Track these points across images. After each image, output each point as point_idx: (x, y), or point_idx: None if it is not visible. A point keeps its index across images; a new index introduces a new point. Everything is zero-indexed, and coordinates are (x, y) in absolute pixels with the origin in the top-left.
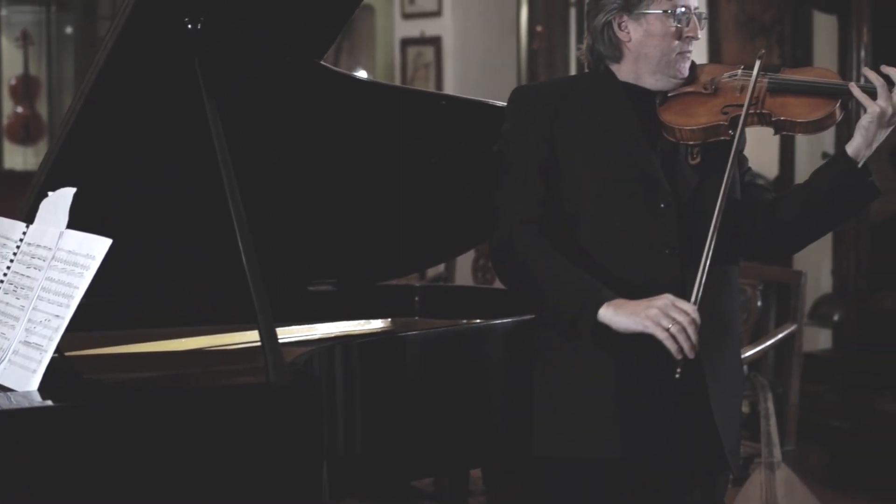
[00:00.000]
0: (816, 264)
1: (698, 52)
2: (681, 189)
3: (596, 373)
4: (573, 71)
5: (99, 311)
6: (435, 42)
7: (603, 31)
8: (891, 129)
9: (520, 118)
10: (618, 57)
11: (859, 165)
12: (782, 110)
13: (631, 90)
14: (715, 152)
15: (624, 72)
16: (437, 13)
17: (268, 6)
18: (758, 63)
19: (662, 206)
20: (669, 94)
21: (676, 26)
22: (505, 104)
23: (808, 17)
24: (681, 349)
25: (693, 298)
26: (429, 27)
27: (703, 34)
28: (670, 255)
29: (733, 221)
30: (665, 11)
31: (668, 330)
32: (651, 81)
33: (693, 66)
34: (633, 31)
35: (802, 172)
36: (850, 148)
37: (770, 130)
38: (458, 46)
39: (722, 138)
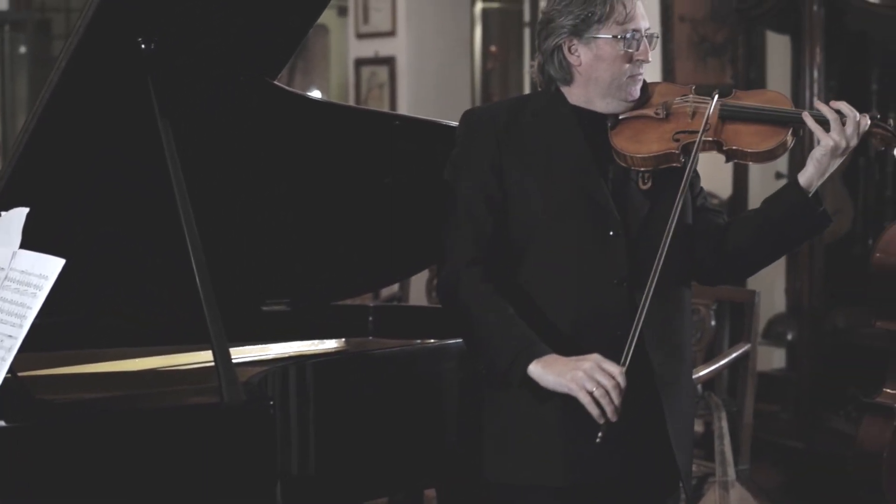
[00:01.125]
0: (770, 283)
1: (651, 72)
2: (631, 216)
3: (544, 398)
4: (527, 91)
5: (52, 331)
6: (389, 62)
7: (553, 54)
8: (842, 159)
9: (468, 144)
10: (568, 80)
11: (811, 194)
12: (734, 139)
13: (582, 113)
14: (666, 177)
15: (574, 95)
16: (391, 33)
17: (221, 26)
18: (715, 97)
19: (611, 233)
20: (621, 117)
21: (627, 50)
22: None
23: (761, 38)
24: (602, 413)
25: (622, 360)
26: (383, 47)
27: (656, 54)
28: (618, 286)
29: (685, 247)
30: (615, 36)
31: (591, 393)
32: (602, 105)
33: (644, 85)
34: (582, 55)
35: (756, 192)
36: (803, 178)
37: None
38: (413, 66)
39: (674, 165)
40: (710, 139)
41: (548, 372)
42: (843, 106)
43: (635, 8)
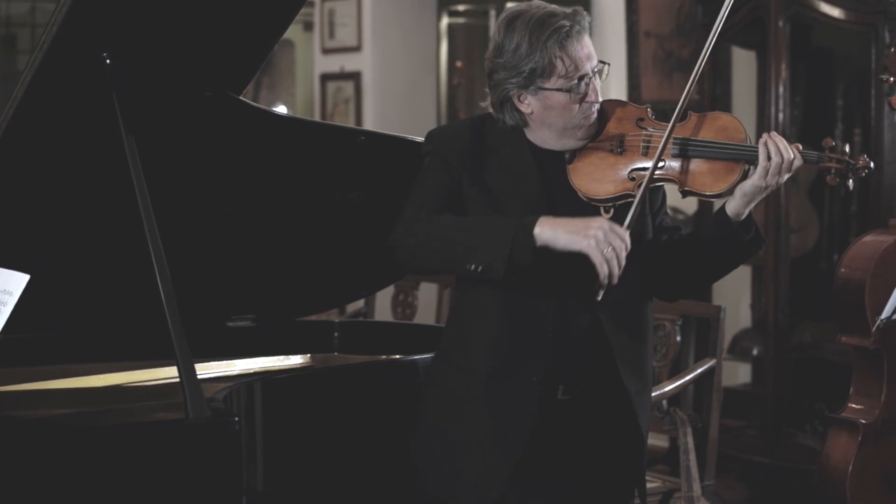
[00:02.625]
0: (735, 299)
1: (617, 88)
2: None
3: (489, 414)
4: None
5: (16, 347)
6: (355, 77)
7: (503, 104)
8: (768, 193)
9: (433, 160)
10: (524, 123)
11: (742, 219)
12: (689, 179)
13: (538, 152)
14: (627, 206)
15: (531, 135)
16: (356, 48)
17: (186, 42)
18: (664, 139)
19: (549, 283)
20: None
21: (575, 98)
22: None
23: (726, 53)
24: (609, 274)
25: (626, 223)
26: (348, 62)
27: (621, 70)
28: (542, 341)
29: (645, 264)
30: (560, 89)
31: (603, 253)
32: (558, 144)
33: (601, 109)
34: (532, 104)
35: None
36: (729, 208)
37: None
38: (378, 82)
39: (630, 200)
40: (668, 177)
41: (559, 230)
42: (775, 146)
43: (578, 54)
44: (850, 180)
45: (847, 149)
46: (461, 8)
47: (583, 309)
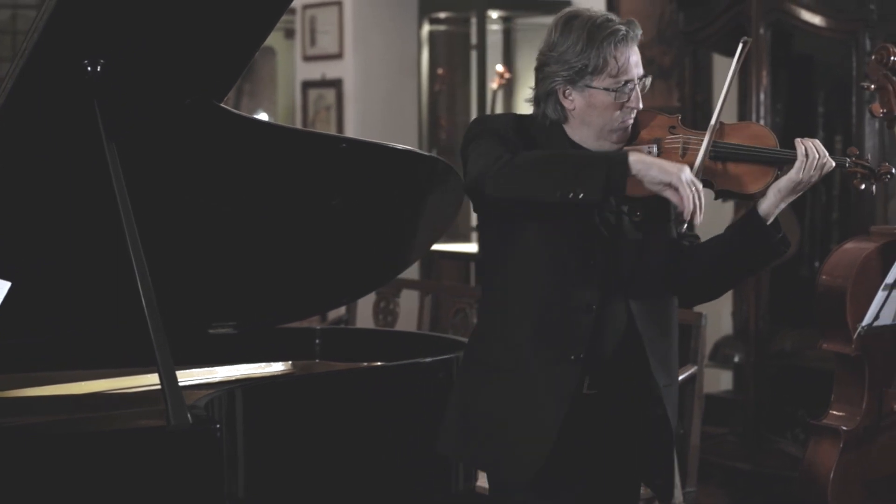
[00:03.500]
0: (717, 306)
1: None
2: (624, 245)
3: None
4: (474, 113)
5: None
6: (336, 84)
7: (548, 97)
8: (801, 192)
9: (487, 135)
10: (565, 119)
11: (769, 223)
12: (725, 180)
13: (578, 148)
14: (655, 207)
15: (570, 132)
16: (338, 56)
17: (167, 49)
18: (707, 137)
19: (592, 262)
20: None
21: (618, 100)
22: (406, 147)
23: (707, 60)
24: (693, 210)
25: (695, 171)
26: (330, 70)
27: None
28: (587, 311)
29: (671, 263)
30: (607, 88)
31: (691, 188)
32: (595, 146)
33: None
34: (576, 101)
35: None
36: (762, 208)
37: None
38: (360, 89)
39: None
40: (704, 179)
41: (651, 164)
42: (811, 145)
43: (629, 58)
44: (874, 185)
45: (868, 157)
46: (442, 15)
47: (619, 298)
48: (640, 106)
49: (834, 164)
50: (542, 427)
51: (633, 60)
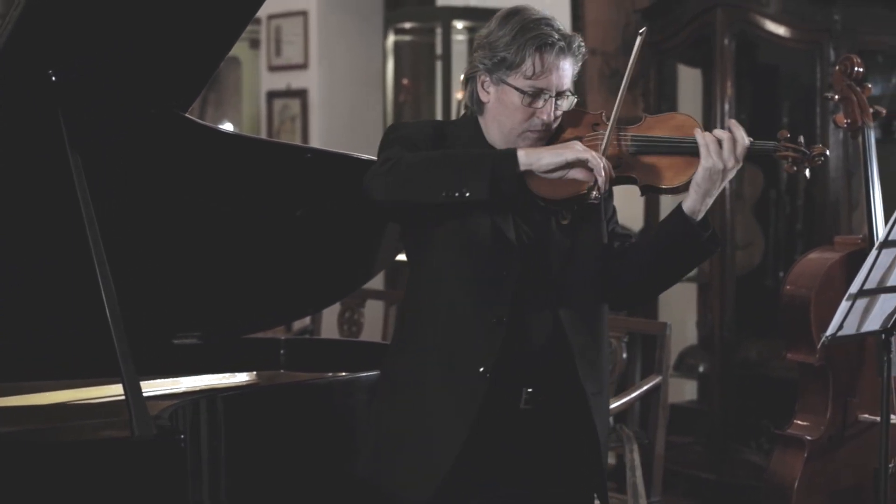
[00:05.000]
0: (681, 316)
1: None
2: (554, 252)
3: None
4: None
5: None
6: (301, 95)
7: (468, 82)
8: (724, 183)
9: (403, 138)
10: (479, 111)
11: (698, 220)
12: (647, 175)
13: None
14: (584, 210)
15: (485, 129)
16: (303, 66)
17: (132, 59)
18: (614, 116)
19: (504, 273)
20: None
21: (527, 105)
22: (371, 157)
23: (672, 71)
24: (603, 174)
25: (602, 150)
26: (295, 80)
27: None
28: (497, 324)
29: (601, 268)
30: (517, 88)
31: (592, 157)
32: (503, 144)
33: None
34: (491, 94)
35: (666, 207)
36: (686, 205)
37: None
38: (325, 99)
39: (590, 202)
40: (626, 175)
41: (540, 154)
42: (720, 131)
43: (553, 68)
44: (807, 169)
45: (801, 139)
46: (407, 26)
47: (545, 305)
48: (551, 120)
49: (746, 141)
50: (441, 445)
51: (559, 73)
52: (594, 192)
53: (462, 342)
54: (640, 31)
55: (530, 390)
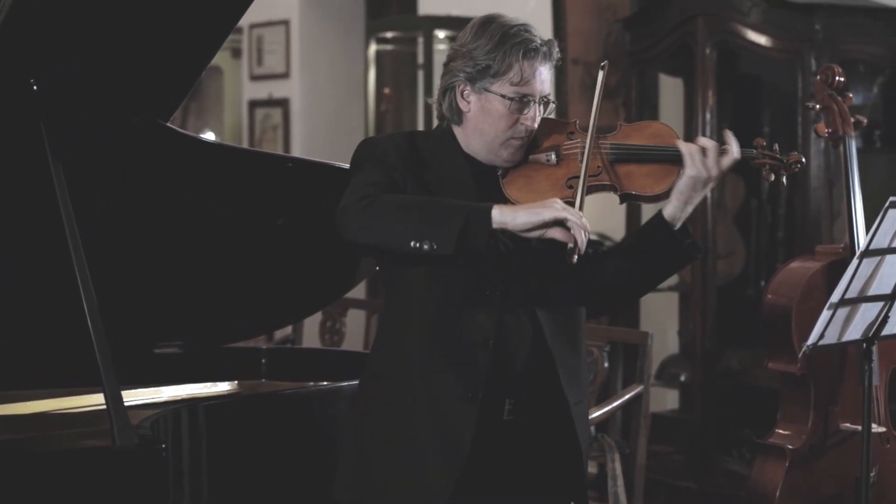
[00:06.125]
0: (663, 325)
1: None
2: (529, 261)
3: (408, 424)
4: None
5: None
6: (283, 104)
7: (446, 93)
8: (706, 191)
9: (372, 163)
10: (458, 120)
11: (677, 227)
12: (627, 182)
13: (471, 161)
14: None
15: (462, 138)
16: (285, 75)
17: (114, 68)
18: (591, 125)
19: (487, 293)
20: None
21: (513, 112)
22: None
23: (654, 81)
24: (582, 236)
25: (577, 205)
26: (277, 89)
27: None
28: (484, 346)
29: (578, 276)
30: (503, 95)
31: (571, 217)
32: (485, 158)
33: None
34: (472, 104)
35: (648, 212)
36: (666, 211)
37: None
38: (306, 108)
39: (570, 263)
40: (605, 183)
41: (517, 212)
42: (706, 140)
43: (535, 73)
44: (784, 176)
45: (776, 147)
46: (389, 35)
47: (524, 316)
48: (535, 126)
49: (736, 154)
50: (444, 464)
51: (541, 78)
52: (574, 256)
53: (449, 366)
54: (602, 64)
55: (512, 402)
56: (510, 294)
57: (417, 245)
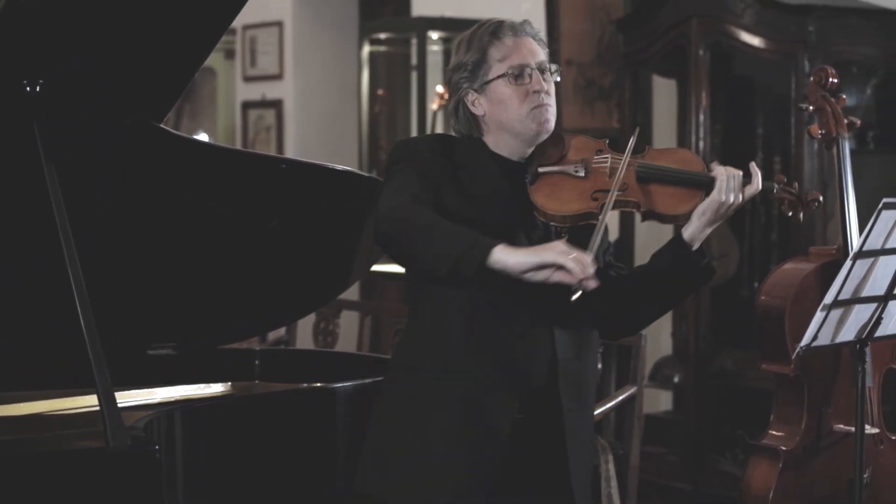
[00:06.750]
0: (656, 326)
1: None
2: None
3: (439, 424)
4: (414, 134)
5: None
6: (276, 105)
7: (457, 111)
8: (724, 217)
9: (406, 166)
10: (480, 131)
11: (694, 248)
12: (651, 201)
13: (502, 163)
14: (581, 232)
15: (491, 142)
16: (278, 76)
17: (107, 69)
18: (628, 153)
19: (520, 288)
20: (540, 170)
21: (518, 85)
22: (346, 168)
23: (647, 82)
24: (583, 274)
25: (591, 248)
26: (270, 90)
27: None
28: (520, 335)
29: (595, 296)
30: (504, 75)
31: (570, 257)
32: (520, 146)
33: (560, 138)
34: (484, 104)
35: (641, 239)
36: (686, 233)
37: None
38: (300, 109)
39: (591, 222)
40: (630, 199)
41: (517, 253)
42: (734, 170)
43: (517, 45)
44: (802, 213)
45: (796, 185)
46: (383, 36)
47: (542, 324)
48: (551, 92)
49: (760, 186)
50: (482, 458)
51: (525, 49)
52: (573, 296)
53: (486, 358)
54: (637, 128)
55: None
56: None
57: (425, 265)
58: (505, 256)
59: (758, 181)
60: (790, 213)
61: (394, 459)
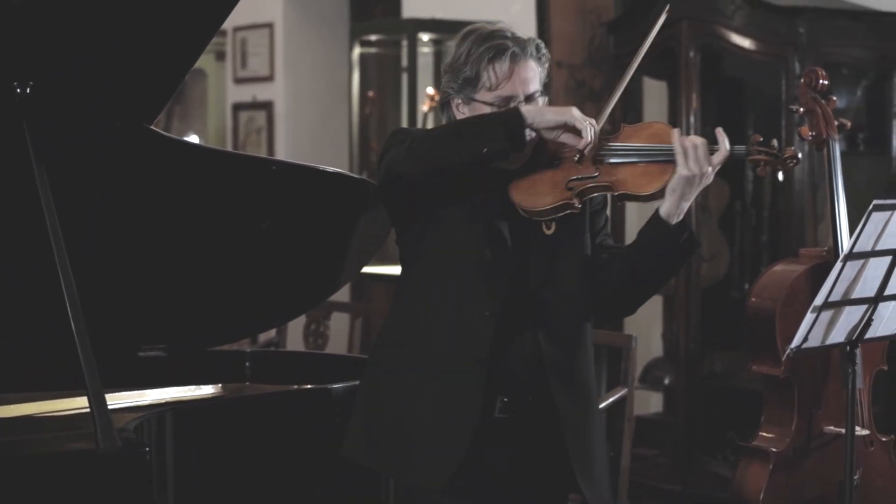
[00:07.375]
0: (647, 328)
1: None
2: (534, 262)
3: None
4: None
5: None
6: (267, 107)
7: (444, 108)
8: (700, 188)
9: (404, 135)
10: None
11: (674, 223)
12: (622, 183)
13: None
14: (568, 221)
15: None
16: (269, 78)
17: (97, 71)
18: (596, 134)
19: (494, 269)
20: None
21: None
22: (336, 170)
23: (638, 84)
24: (589, 141)
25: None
26: (261, 92)
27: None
28: (487, 323)
29: (585, 282)
30: (486, 102)
31: (585, 122)
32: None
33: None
34: (467, 113)
35: (632, 222)
36: (662, 210)
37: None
38: (290, 111)
39: (571, 212)
40: (601, 184)
41: (543, 111)
42: (695, 137)
43: (512, 75)
44: (780, 172)
45: (775, 142)
46: (373, 38)
47: (524, 317)
48: None
49: (728, 151)
50: (454, 431)
51: (521, 78)
52: (577, 156)
53: (457, 334)
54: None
55: (506, 399)
56: (517, 283)
57: (475, 153)
58: (536, 114)
59: (725, 145)
60: (768, 170)
61: (377, 430)
